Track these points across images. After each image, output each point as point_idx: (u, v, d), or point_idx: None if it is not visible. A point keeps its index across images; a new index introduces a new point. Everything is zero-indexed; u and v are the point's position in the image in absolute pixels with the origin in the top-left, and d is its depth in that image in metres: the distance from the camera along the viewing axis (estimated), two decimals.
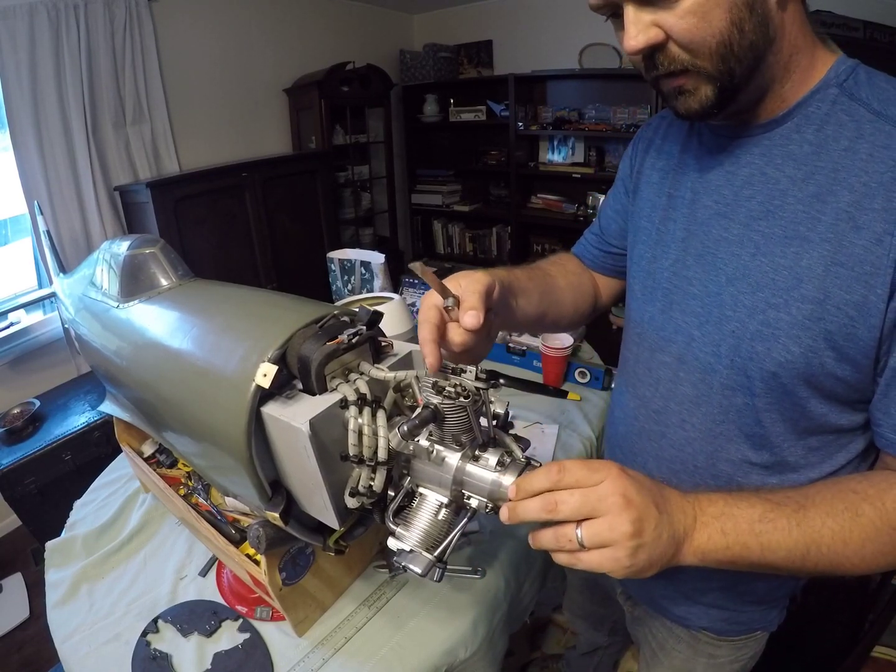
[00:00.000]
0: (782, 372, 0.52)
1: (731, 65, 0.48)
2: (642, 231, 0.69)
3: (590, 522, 0.43)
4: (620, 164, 0.78)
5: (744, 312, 0.54)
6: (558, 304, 0.76)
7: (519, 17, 3.30)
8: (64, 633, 0.78)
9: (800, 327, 0.50)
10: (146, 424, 0.84)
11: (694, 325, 0.60)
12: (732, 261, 0.56)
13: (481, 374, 0.49)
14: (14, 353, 2.11)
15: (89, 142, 2.15)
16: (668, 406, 0.65)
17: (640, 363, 0.69)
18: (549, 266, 0.80)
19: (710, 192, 0.59)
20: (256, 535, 0.64)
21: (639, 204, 0.70)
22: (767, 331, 0.52)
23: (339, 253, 1.61)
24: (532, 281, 0.71)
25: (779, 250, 0.52)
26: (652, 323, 0.66)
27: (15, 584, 1.84)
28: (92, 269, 0.94)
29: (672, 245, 0.63)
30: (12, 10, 1.86)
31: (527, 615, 0.92)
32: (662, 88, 0.53)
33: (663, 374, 0.65)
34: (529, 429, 1.16)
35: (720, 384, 0.58)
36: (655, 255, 0.65)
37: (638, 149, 0.73)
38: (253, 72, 2.82)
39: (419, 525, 0.52)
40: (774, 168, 0.54)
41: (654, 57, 0.50)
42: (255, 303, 0.72)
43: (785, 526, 0.46)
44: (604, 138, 3.07)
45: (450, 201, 3.70)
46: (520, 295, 0.65)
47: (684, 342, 0.61)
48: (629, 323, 0.73)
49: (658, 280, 0.65)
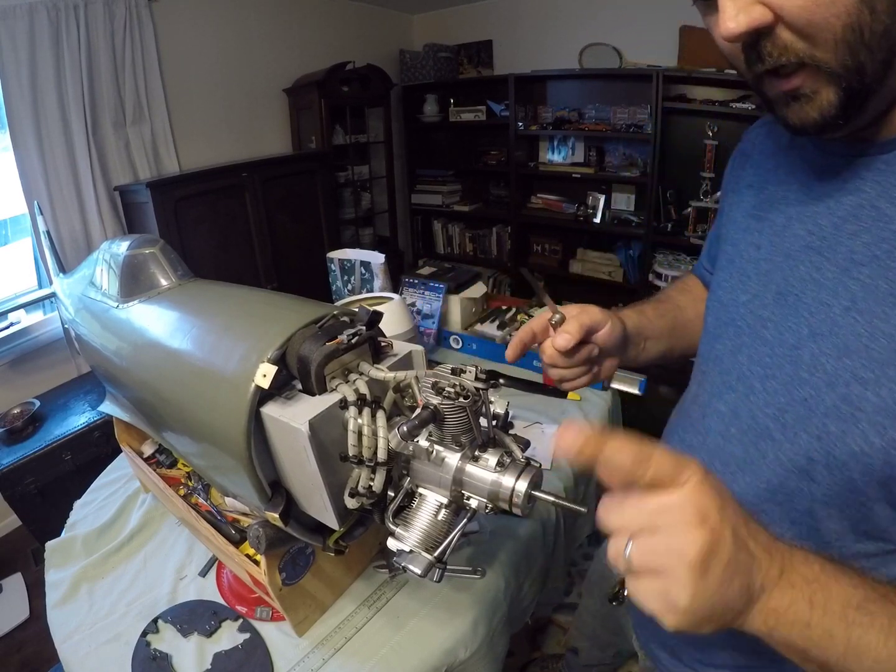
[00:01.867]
0: (854, 464, 0.42)
1: (860, 58, 0.36)
2: (725, 256, 0.60)
3: (643, 538, 0.33)
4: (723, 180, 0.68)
5: (822, 379, 0.44)
6: (687, 338, 0.72)
7: (519, 17, 3.30)
8: (64, 633, 0.78)
9: (888, 415, 0.40)
10: (146, 424, 0.84)
11: (757, 377, 0.51)
12: (819, 310, 0.46)
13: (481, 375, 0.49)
14: (14, 353, 2.11)
15: (89, 142, 2.15)
16: (713, 464, 0.55)
17: (696, 405, 0.61)
18: (678, 296, 0.76)
19: (804, 220, 0.49)
20: (256, 535, 0.64)
21: (727, 226, 0.61)
22: (847, 409, 0.42)
23: (339, 253, 1.61)
24: (662, 318, 0.70)
25: (880, 310, 0.41)
26: (717, 363, 0.57)
27: (15, 584, 1.84)
28: (92, 269, 0.94)
29: (753, 277, 0.54)
30: (12, 10, 1.86)
31: (528, 616, 0.93)
32: (768, 92, 0.41)
33: (714, 424, 0.56)
34: (529, 429, 1.16)
35: (774, 457, 0.49)
36: (733, 286, 0.56)
37: (735, 163, 0.64)
38: (253, 72, 2.82)
39: (419, 525, 0.52)
40: (889, 202, 0.42)
41: (759, 45, 0.38)
42: (254, 303, 0.72)
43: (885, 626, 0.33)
44: (604, 138, 3.07)
45: (450, 201, 3.70)
46: (649, 337, 0.66)
47: (743, 393, 0.52)
48: (697, 358, 0.64)
49: (731, 315, 0.56)
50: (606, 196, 3.09)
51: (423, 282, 1.58)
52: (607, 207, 3.10)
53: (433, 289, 1.55)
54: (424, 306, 1.56)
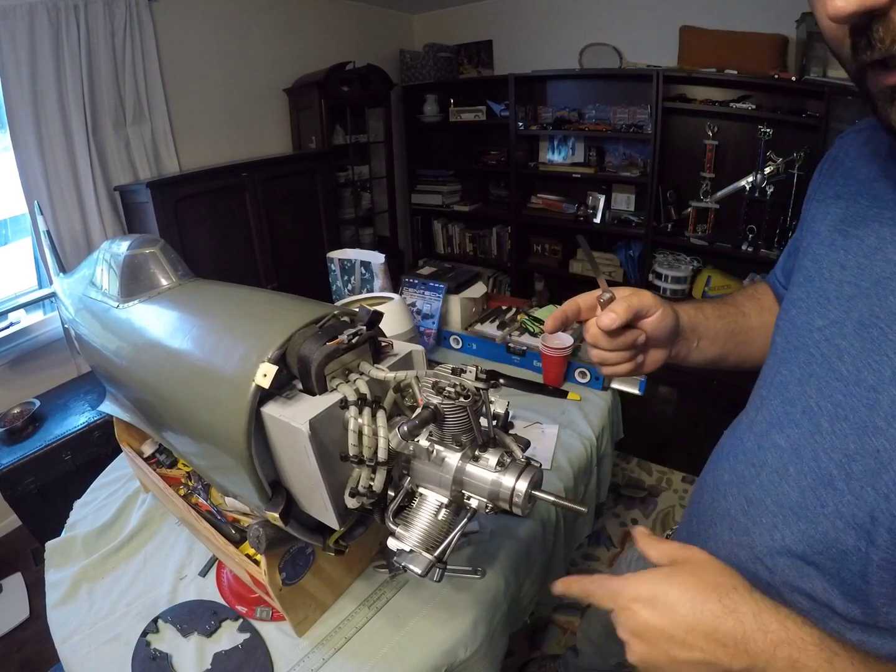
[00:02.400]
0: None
1: None
2: (803, 272, 0.53)
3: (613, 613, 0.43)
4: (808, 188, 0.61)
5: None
6: (746, 345, 0.68)
7: (519, 17, 3.30)
8: (64, 633, 0.78)
9: None
10: (146, 424, 0.84)
11: (826, 414, 0.46)
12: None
13: (481, 375, 0.49)
14: (14, 353, 2.11)
15: (89, 142, 2.15)
16: (764, 502, 0.51)
17: (751, 433, 0.56)
18: (745, 301, 0.71)
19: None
20: (256, 535, 0.64)
21: (808, 238, 0.55)
22: None
23: (339, 253, 1.61)
24: (722, 320, 0.66)
25: None
26: (781, 390, 0.52)
27: (15, 584, 1.84)
28: (92, 269, 0.94)
29: (834, 300, 0.48)
30: (12, 10, 1.86)
31: (527, 615, 0.93)
32: (871, 87, 0.36)
33: (772, 459, 0.51)
34: (529, 429, 1.16)
35: (834, 508, 0.44)
36: (809, 308, 0.51)
37: (823, 169, 0.57)
38: (253, 72, 2.82)
39: (419, 525, 0.52)
40: None
41: (871, 30, 0.33)
42: (255, 303, 0.72)
43: None
44: (604, 138, 3.07)
45: (450, 201, 3.70)
46: (704, 336, 0.63)
47: (808, 431, 0.47)
48: (759, 380, 0.59)
49: (804, 340, 0.50)
50: (606, 196, 3.09)
51: (423, 282, 1.58)
52: (607, 207, 3.10)
53: (433, 289, 1.55)
54: (424, 306, 1.56)
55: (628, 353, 0.58)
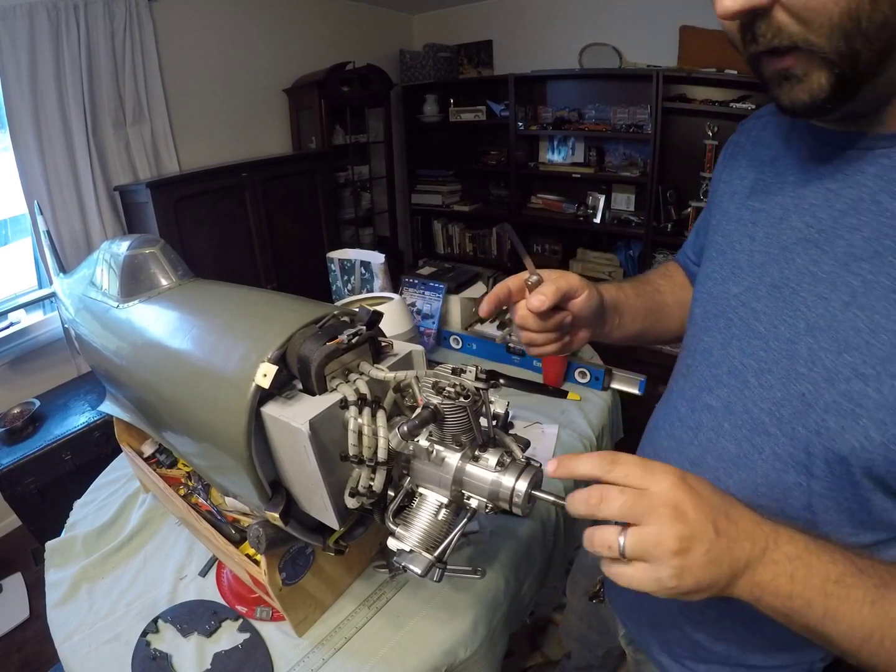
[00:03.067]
0: (853, 459, 0.42)
1: (855, 45, 0.36)
2: (715, 247, 0.58)
3: (635, 530, 0.38)
4: (713, 171, 0.67)
5: (820, 375, 0.44)
6: (662, 321, 0.72)
7: (519, 17, 3.30)
8: (64, 633, 0.78)
9: (889, 411, 0.40)
10: (146, 424, 0.84)
11: (752, 371, 0.50)
12: (817, 304, 0.45)
13: (481, 375, 0.49)
14: (14, 353, 2.11)
15: (89, 142, 2.15)
16: (705, 459, 0.55)
17: (683, 399, 0.60)
18: (659, 280, 0.75)
19: (802, 212, 0.48)
20: (256, 535, 0.64)
21: (717, 216, 0.60)
22: (847, 405, 0.42)
23: (339, 253, 1.61)
24: (640, 298, 0.68)
25: (881, 305, 0.41)
26: (706, 356, 0.56)
27: (15, 584, 1.84)
28: (92, 269, 0.94)
29: (746, 269, 0.53)
30: (12, 10, 1.86)
31: (527, 615, 0.93)
32: (763, 71, 0.41)
33: (706, 419, 0.55)
34: (529, 429, 1.16)
35: (771, 452, 0.48)
36: (724, 278, 0.56)
37: (727, 153, 0.63)
38: (253, 72, 2.82)
39: (419, 525, 0.52)
40: (892, 196, 0.42)
41: (755, 26, 0.39)
42: (255, 303, 0.72)
43: (859, 598, 0.38)
44: (604, 138, 3.07)
45: (450, 201, 3.70)
46: (624, 314, 0.65)
47: (737, 388, 0.52)
48: (682, 350, 0.64)
49: (722, 307, 0.55)
50: (606, 196, 3.09)
51: (423, 282, 1.58)
52: (607, 207, 3.10)
53: (433, 289, 1.55)
54: (424, 306, 1.56)
55: (555, 334, 0.59)
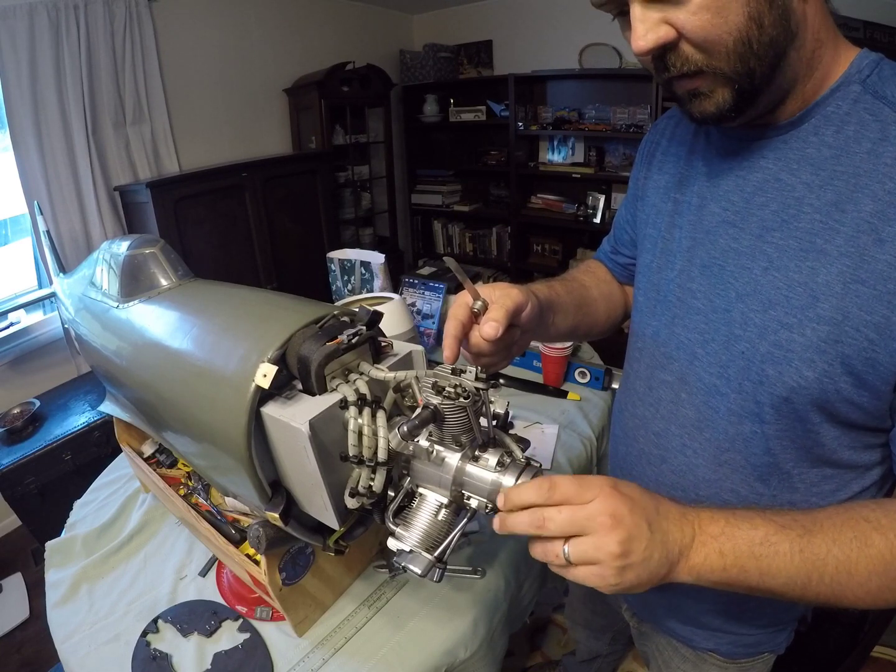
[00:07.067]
0: (795, 397, 0.49)
1: (750, 64, 0.43)
2: (648, 239, 0.65)
3: (577, 540, 0.42)
4: (632, 169, 0.74)
5: (754, 332, 0.50)
6: (592, 316, 0.75)
7: (519, 17, 3.30)
8: (64, 633, 0.78)
9: (815, 350, 0.46)
10: (146, 424, 0.84)
11: (697, 343, 0.56)
12: (742, 274, 0.52)
13: (481, 375, 0.49)
14: (14, 353, 2.11)
15: (89, 142, 2.15)
16: (669, 429, 0.61)
17: (640, 380, 0.66)
18: (583, 276, 0.79)
19: (718, 199, 0.55)
20: (256, 535, 0.64)
21: (645, 210, 0.67)
22: (779, 353, 0.49)
23: (339, 253, 1.61)
24: (570, 295, 0.70)
25: (793, 265, 0.48)
26: (654, 338, 0.62)
27: (15, 584, 1.84)
28: (92, 269, 0.93)
29: (678, 254, 0.59)
30: (12, 10, 1.86)
31: (527, 615, 0.92)
32: (676, 91, 0.49)
33: (664, 394, 0.61)
34: (529, 429, 1.16)
35: (726, 409, 0.54)
36: (660, 266, 0.62)
37: (645, 152, 0.70)
38: (253, 72, 2.82)
39: (419, 525, 0.52)
40: (790, 174, 0.49)
41: (666, 58, 0.45)
42: (255, 303, 0.72)
43: (787, 551, 0.43)
44: (604, 138, 3.07)
45: (450, 201, 3.70)
46: (558, 312, 0.66)
47: (687, 360, 0.58)
48: (632, 336, 0.70)
49: (662, 292, 0.61)
50: (606, 196, 3.09)
51: (423, 282, 1.58)
52: (607, 207, 3.09)
53: (433, 289, 1.55)
54: (424, 306, 1.56)
55: (507, 350, 0.58)
